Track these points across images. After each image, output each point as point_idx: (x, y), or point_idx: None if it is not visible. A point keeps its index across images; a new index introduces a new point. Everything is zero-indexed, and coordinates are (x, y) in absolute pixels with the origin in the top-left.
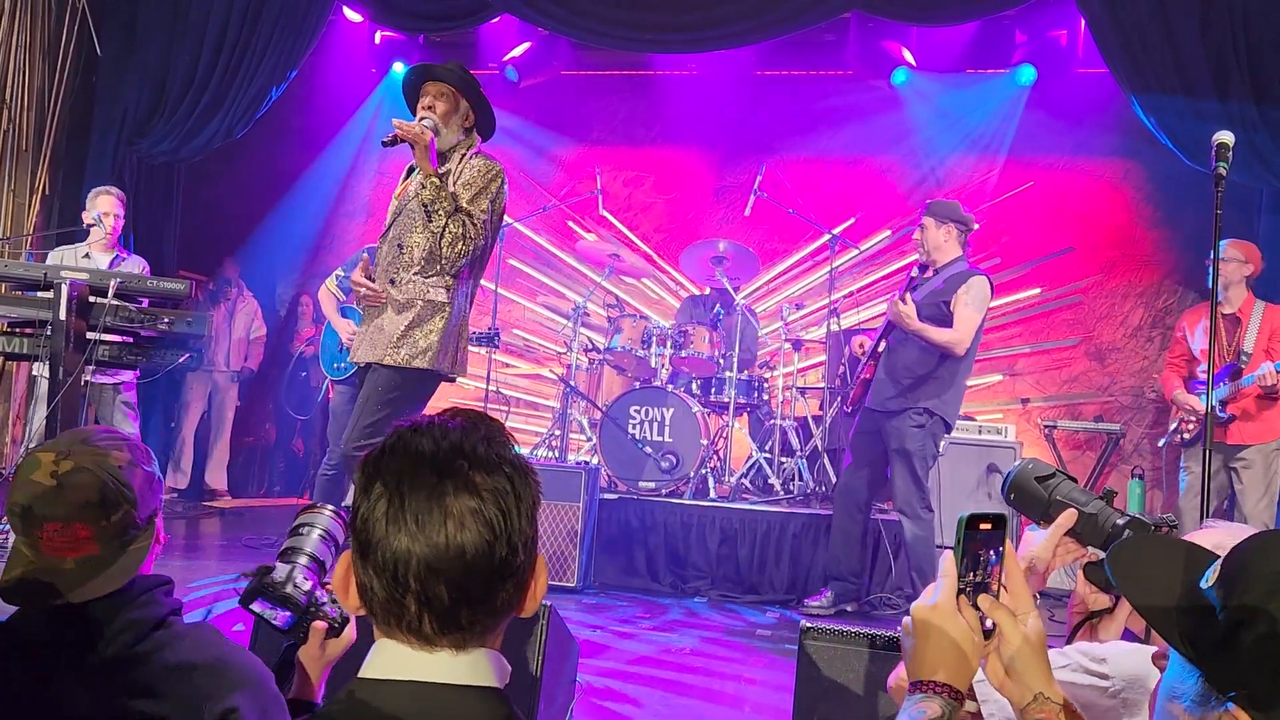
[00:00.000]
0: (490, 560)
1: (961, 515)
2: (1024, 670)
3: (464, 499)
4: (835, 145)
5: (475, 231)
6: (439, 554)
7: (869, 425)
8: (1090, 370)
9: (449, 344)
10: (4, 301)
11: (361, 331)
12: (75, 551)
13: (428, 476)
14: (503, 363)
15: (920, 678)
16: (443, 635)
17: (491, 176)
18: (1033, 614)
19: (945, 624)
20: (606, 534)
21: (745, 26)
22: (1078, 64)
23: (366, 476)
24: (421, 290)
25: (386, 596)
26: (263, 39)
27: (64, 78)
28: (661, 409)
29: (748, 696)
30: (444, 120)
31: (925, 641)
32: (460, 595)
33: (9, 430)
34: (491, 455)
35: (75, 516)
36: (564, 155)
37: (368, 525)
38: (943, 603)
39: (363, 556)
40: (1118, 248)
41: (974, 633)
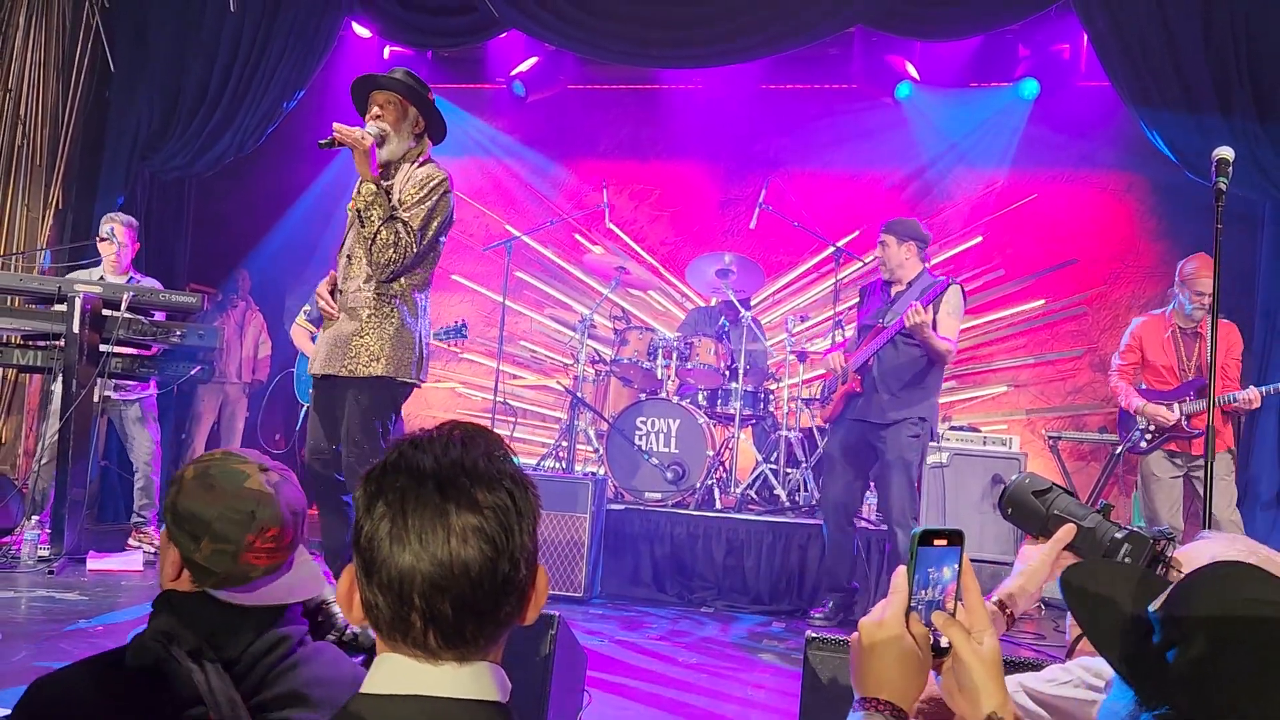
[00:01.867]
0: (494, 576)
1: (915, 530)
2: (978, 689)
3: (466, 516)
4: (839, 158)
5: (407, 240)
6: (443, 571)
7: (856, 437)
8: (1094, 382)
9: (402, 351)
10: (18, 315)
11: (319, 343)
12: (271, 559)
13: (430, 494)
14: (510, 374)
15: (865, 695)
16: (447, 649)
17: (435, 185)
18: (989, 632)
19: (891, 641)
20: (613, 545)
21: (750, 42)
22: (1080, 78)
23: (369, 495)
24: (370, 300)
25: (392, 613)
26: (274, 56)
27: (78, 94)
28: (668, 420)
29: (754, 707)
30: (393, 128)
31: (870, 658)
32: (464, 611)
33: (22, 442)
34: (493, 471)
35: (289, 523)
36: (571, 169)
37: (372, 544)
38: (890, 620)
39: (367, 574)
40: (1121, 260)
41: (921, 650)
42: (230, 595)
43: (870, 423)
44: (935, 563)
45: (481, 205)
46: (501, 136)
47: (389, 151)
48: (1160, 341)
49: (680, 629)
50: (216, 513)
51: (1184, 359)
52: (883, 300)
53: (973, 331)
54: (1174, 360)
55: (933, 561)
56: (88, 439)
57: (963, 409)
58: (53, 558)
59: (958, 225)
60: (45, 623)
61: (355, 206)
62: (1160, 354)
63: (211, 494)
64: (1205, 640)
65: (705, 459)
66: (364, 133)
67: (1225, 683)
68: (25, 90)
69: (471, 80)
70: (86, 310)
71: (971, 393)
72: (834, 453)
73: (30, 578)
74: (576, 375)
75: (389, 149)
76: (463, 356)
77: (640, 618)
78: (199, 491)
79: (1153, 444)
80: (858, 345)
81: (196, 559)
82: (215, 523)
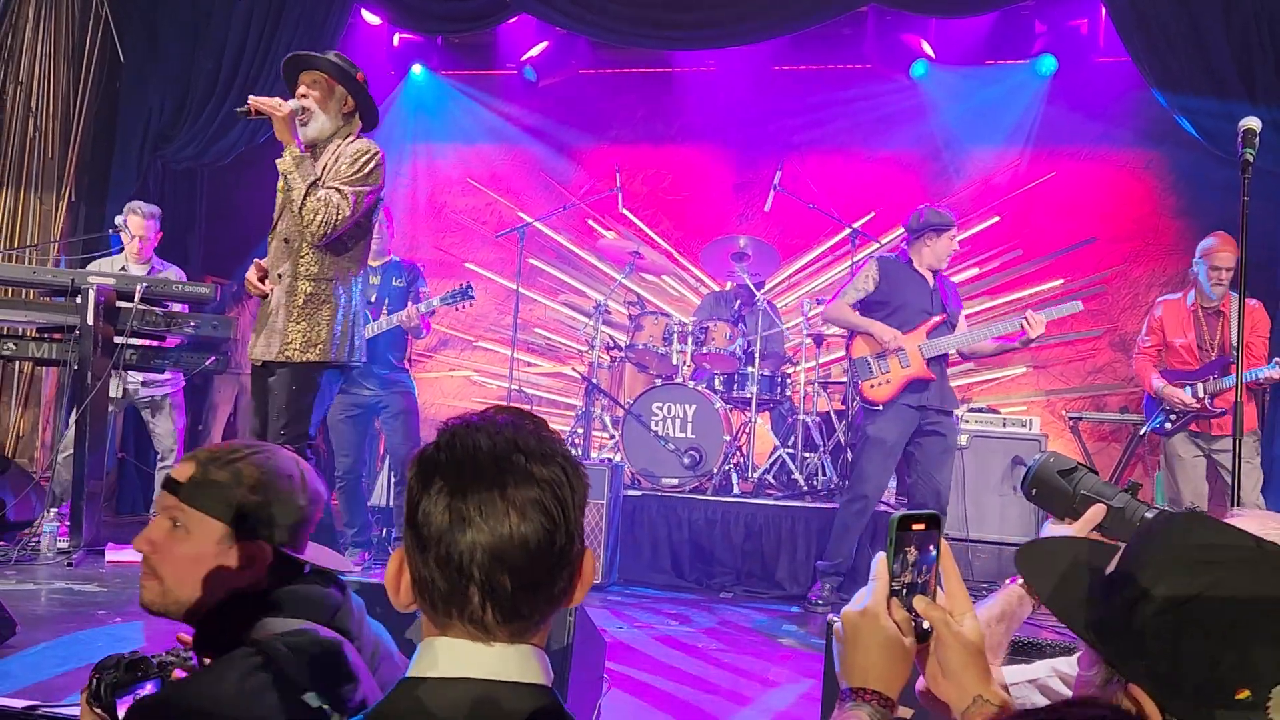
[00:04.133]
0: (551, 550)
1: (893, 516)
2: (961, 672)
3: (524, 490)
4: (854, 139)
5: (339, 201)
6: (503, 544)
7: (912, 424)
8: (1115, 361)
9: (338, 334)
10: (32, 307)
11: (256, 331)
12: None
13: (488, 469)
14: (524, 361)
15: (850, 685)
16: (503, 625)
17: (367, 157)
18: (969, 614)
19: (874, 629)
20: (630, 531)
21: (762, 22)
22: (1098, 53)
23: (424, 473)
24: (306, 284)
25: (449, 588)
26: (283, 44)
27: (88, 85)
28: (684, 405)
29: (774, 692)
30: (320, 106)
31: (854, 647)
32: (522, 584)
33: (39, 435)
34: (545, 448)
35: None
36: (583, 154)
37: (429, 520)
38: (871, 607)
39: (422, 550)
40: (1141, 237)
41: (904, 637)
42: None
43: (939, 410)
44: (915, 546)
45: (494, 192)
46: (513, 122)
47: (316, 129)
48: (1180, 323)
49: (699, 615)
50: None
51: (1205, 339)
52: (921, 285)
53: (992, 311)
54: (1195, 341)
55: (912, 545)
56: (104, 431)
57: (982, 391)
58: (71, 549)
59: (975, 205)
60: (65, 614)
61: (281, 169)
62: (1181, 335)
63: None
64: (1165, 590)
65: (722, 444)
66: (279, 101)
67: (1193, 629)
68: (36, 83)
69: (482, 66)
70: (100, 302)
71: (990, 374)
72: (888, 440)
73: (50, 569)
74: (591, 361)
75: (316, 126)
76: (477, 344)
77: (658, 604)
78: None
79: (1176, 425)
80: (903, 327)
81: None
82: None
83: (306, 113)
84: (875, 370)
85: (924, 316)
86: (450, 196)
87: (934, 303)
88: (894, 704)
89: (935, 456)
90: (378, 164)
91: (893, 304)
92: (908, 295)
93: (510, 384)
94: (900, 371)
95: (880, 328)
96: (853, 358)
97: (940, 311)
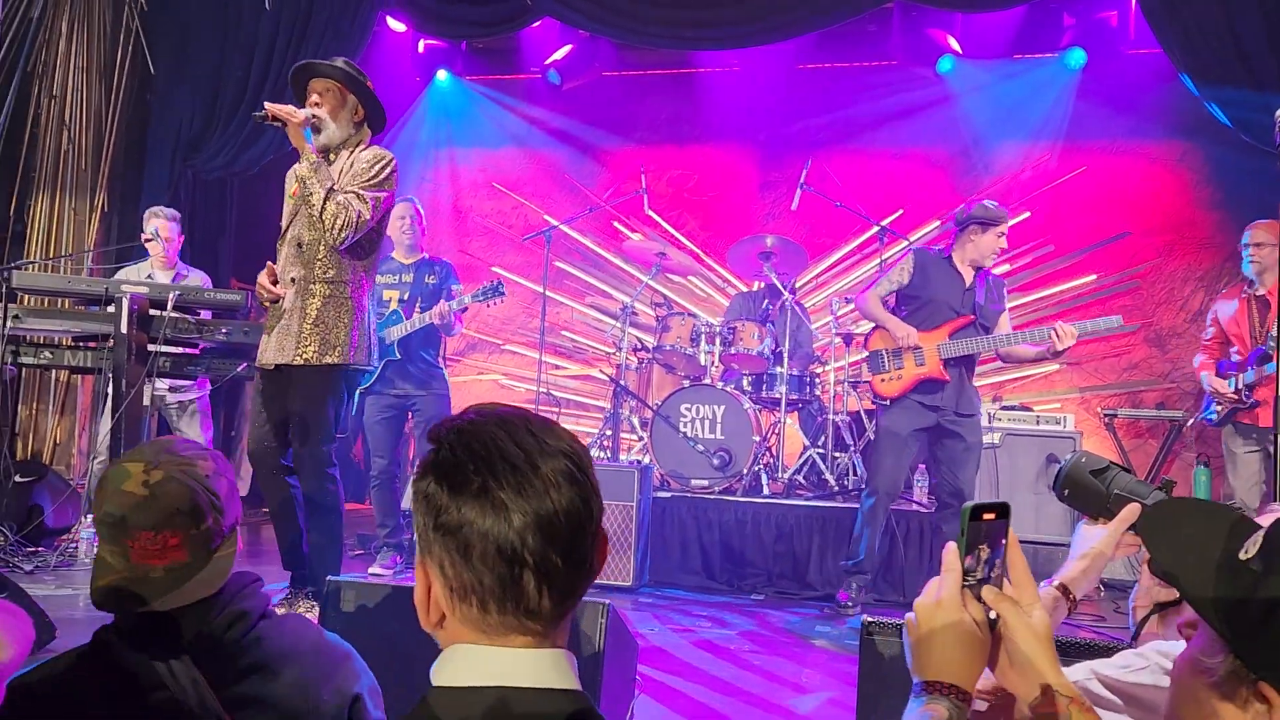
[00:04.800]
0: (590, 515)
1: (965, 506)
2: (1031, 663)
3: (551, 462)
4: (881, 137)
5: (359, 206)
6: (548, 521)
7: (926, 423)
8: (1150, 357)
9: (357, 337)
10: (68, 316)
11: (268, 335)
12: (164, 559)
13: (513, 454)
14: (552, 364)
15: (926, 678)
16: (556, 608)
17: (383, 163)
18: (1037, 604)
19: (951, 621)
20: (661, 533)
21: (785, 20)
22: (1129, 45)
23: (449, 476)
24: (323, 288)
25: (501, 584)
26: (310, 52)
27: (120, 97)
28: (712, 406)
29: (808, 695)
30: (331, 115)
31: (931, 641)
32: (571, 558)
33: (75, 442)
34: (544, 422)
35: (166, 525)
36: (608, 156)
37: (466, 520)
38: (947, 599)
39: (464, 553)
40: (1175, 230)
41: (980, 629)
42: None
43: (956, 413)
44: (985, 538)
45: (519, 196)
46: (537, 126)
47: (327, 137)
48: (1235, 312)
49: (731, 616)
50: (99, 516)
51: (1256, 327)
52: (957, 283)
53: (1023, 309)
54: (1246, 329)
55: (983, 537)
56: (139, 438)
57: (1014, 388)
58: None
59: (1004, 201)
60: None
61: (300, 175)
62: (1234, 325)
63: (100, 494)
64: None
65: (751, 445)
66: (294, 109)
67: None
68: (70, 96)
69: (506, 70)
70: (134, 310)
71: (1023, 372)
72: (901, 432)
73: (87, 574)
74: (619, 363)
75: (327, 135)
76: (504, 348)
77: (690, 605)
78: (97, 488)
79: (1223, 417)
80: (929, 324)
81: (101, 555)
82: (99, 526)
83: (319, 119)
84: (888, 365)
85: (951, 315)
86: (476, 201)
87: (965, 302)
88: (971, 697)
89: (957, 456)
90: (392, 170)
91: (923, 299)
92: (939, 291)
93: (538, 387)
94: (913, 370)
95: (896, 324)
96: (869, 350)
97: (970, 312)
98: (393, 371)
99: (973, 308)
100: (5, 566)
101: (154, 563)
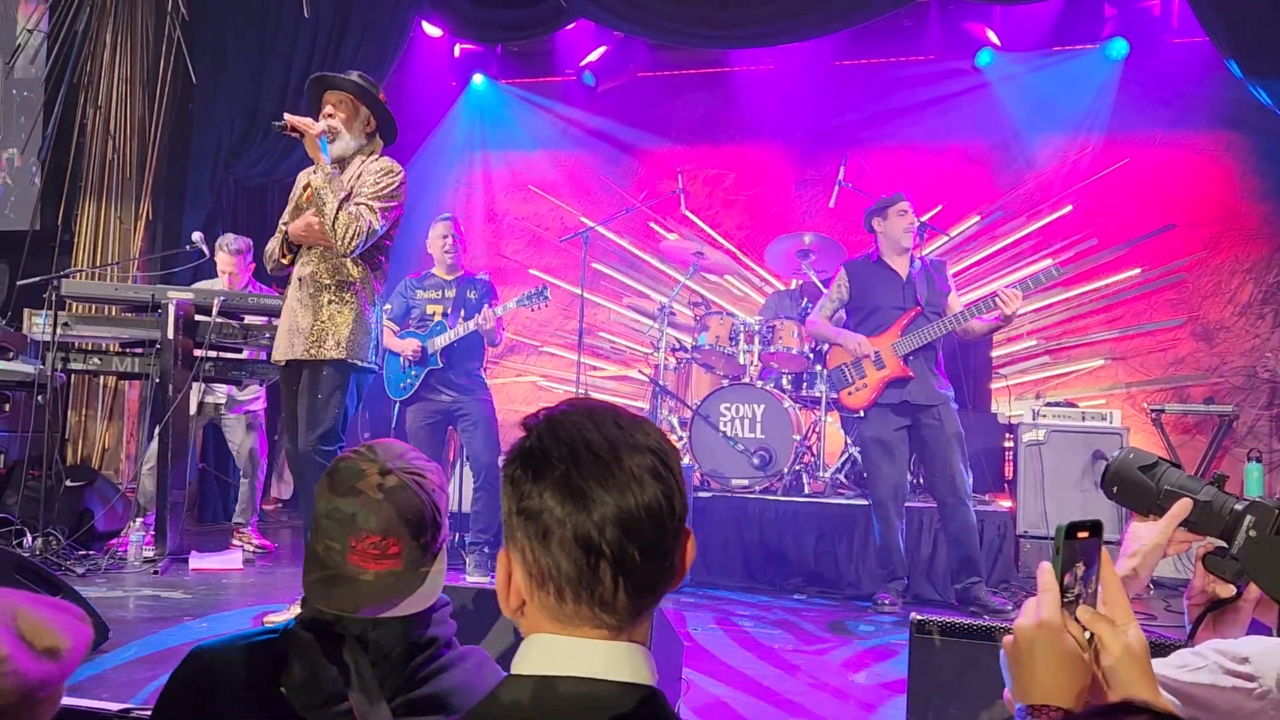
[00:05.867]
0: (672, 513)
1: (1060, 524)
2: (1128, 683)
3: (637, 458)
4: (919, 132)
5: (369, 217)
6: (629, 515)
7: (905, 422)
8: (1197, 351)
9: (360, 336)
10: (115, 323)
11: (280, 330)
12: (380, 565)
13: (600, 446)
14: (590, 366)
15: (1031, 702)
16: (631, 603)
17: (391, 175)
18: (1133, 623)
19: (1052, 642)
20: (702, 533)
21: (821, 16)
22: (1172, 34)
23: (534, 464)
24: (329, 287)
25: (578, 571)
26: (348, 58)
27: (163, 107)
28: (752, 405)
29: (854, 693)
30: (345, 126)
31: (1032, 663)
32: (650, 554)
33: (124, 447)
34: (633, 418)
35: (393, 531)
36: (644, 157)
37: (547, 507)
38: (1049, 619)
39: (544, 538)
40: (1222, 222)
41: (1083, 650)
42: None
43: (923, 405)
44: (1080, 555)
45: (556, 198)
46: (573, 128)
47: (341, 148)
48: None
49: (774, 616)
50: (325, 509)
51: None
52: (893, 280)
53: (1066, 304)
54: None
55: (1078, 554)
56: (185, 442)
57: (1058, 384)
58: (157, 558)
59: (1045, 195)
60: (152, 619)
61: (314, 186)
62: None
63: (329, 489)
64: None
65: (792, 443)
66: (312, 121)
67: None
68: (114, 106)
69: (542, 73)
70: (180, 316)
71: (1066, 367)
72: (886, 439)
73: (137, 577)
74: (657, 364)
75: (341, 145)
76: (543, 350)
77: (732, 605)
78: (323, 484)
79: None
80: (877, 328)
81: (316, 548)
82: (323, 519)
83: (334, 131)
84: (850, 378)
85: (897, 313)
86: (513, 204)
87: (907, 295)
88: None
89: (941, 449)
90: (400, 182)
91: (866, 308)
92: (877, 296)
93: (577, 388)
94: (876, 375)
95: (846, 335)
96: (829, 368)
97: (914, 304)
98: (436, 380)
99: (915, 299)
100: (58, 569)
101: (368, 566)
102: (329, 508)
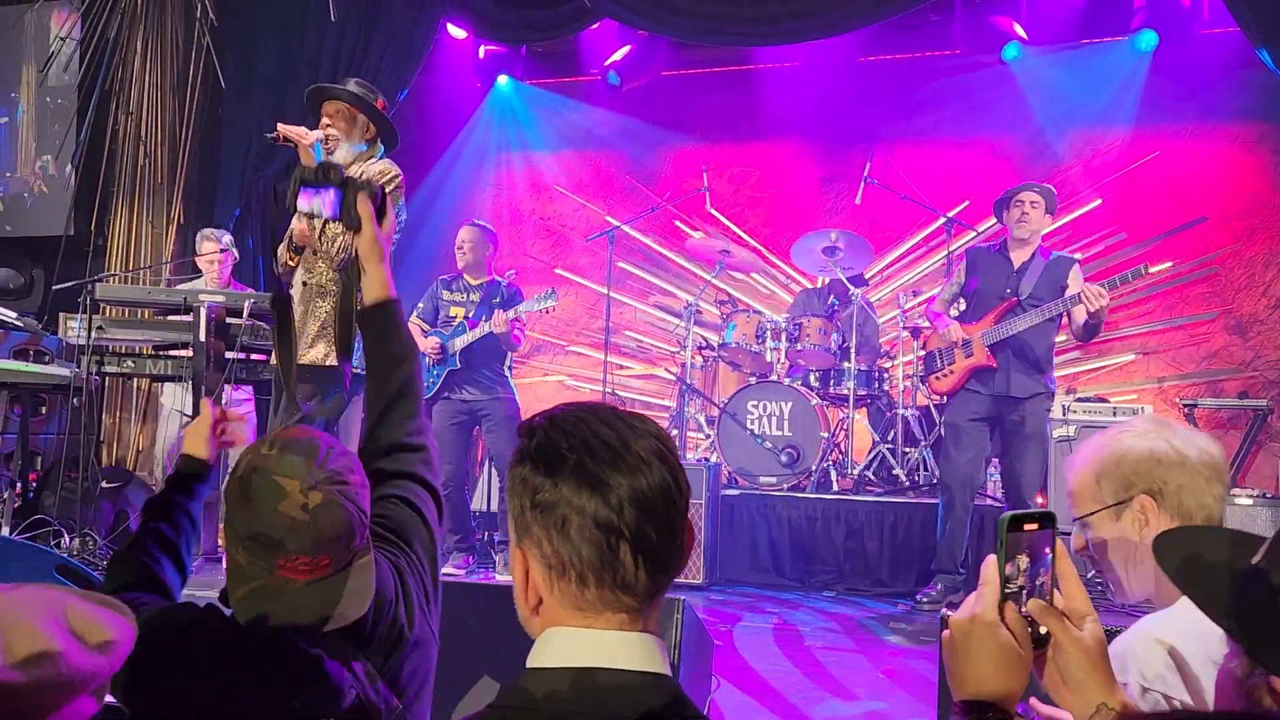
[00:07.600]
0: (680, 492)
1: (1002, 517)
2: (1083, 680)
3: (642, 442)
4: (945, 127)
5: None
6: (643, 495)
7: (986, 412)
8: (1231, 345)
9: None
10: (148, 326)
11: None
12: (309, 575)
13: (607, 435)
14: (617, 365)
15: (964, 697)
16: (651, 582)
17: (388, 178)
18: (1090, 618)
19: (986, 637)
20: (730, 531)
21: (846, 13)
22: (1202, 24)
23: (546, 459)
24: (331, 293)
25: (599, 555)
26: (373, 63)
27: (193, 112)
28: (779, 403)
29: (884, 690)
30: (343, 135)
31: (965, 657)
32: (665, 533)
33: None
34: (628, 412)
35: (324, 550)
36: (669, 155)
37: (563, 498)
38: (983, 613)
39: (561, 527)
40: (1255, 214)
41: (1020, 644)
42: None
43: (1008, 397)
44: (1027, 549)
45: (581, 197)
46: (598, 127)
47: (341, 157)
48: None
49: (803, 613)
50: (246, 529)
51: None
52: (1004, 269)
53: None
54: None
55: (1024, 548)
56: None
57: (1089, 379)
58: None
59: (1074, 189)
60: None
61: None
62: None
63: (248, 508)
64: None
65: (820, 441)
66: (305, 131)
67: None
68: (145, 112)
69: (566, 73)
70: (211, 319)
71: (1097, 362)
72: (958, 422)
73: None
74: (684, 362)
75: (341, 154)
76: (569, 349)
77: (761, 603)
78: (238, 499)
79: None
80: (978, 316)
81: (239, 559)
82: (246, 540)
83: (333, 140)
84: (940, 363)
85: (996, 302)
86: (539, 204)
87: (1010, 285)
88: (1010, 717)
89: (1015, 446)
90: (398, 185)
91: (976, 294)
92: (986, 282)
93: (604, 387)
94: (963, 362)
95: (943, 322)
96: (925, 352)
97: (1014, 294)
98: (459, 379)
99: (1017, 290)
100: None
101: (297, 576)
102: (251, 530)
